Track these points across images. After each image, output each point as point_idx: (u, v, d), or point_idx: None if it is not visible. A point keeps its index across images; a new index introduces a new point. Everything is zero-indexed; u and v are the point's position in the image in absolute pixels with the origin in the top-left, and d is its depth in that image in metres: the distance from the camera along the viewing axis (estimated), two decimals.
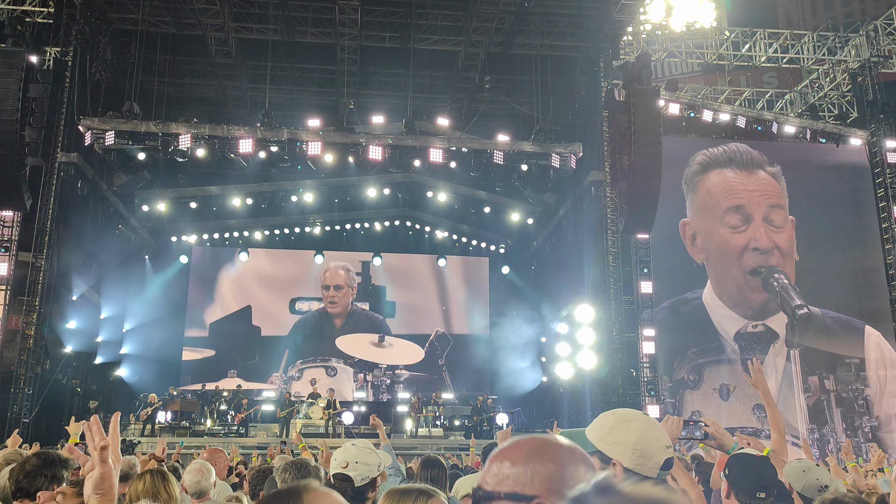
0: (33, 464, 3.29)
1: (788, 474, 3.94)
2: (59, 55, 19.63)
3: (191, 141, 19.18)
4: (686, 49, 23.83)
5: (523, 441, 1.43)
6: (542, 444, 1.41)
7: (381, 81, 24.86)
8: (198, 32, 21.55)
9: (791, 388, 20.28)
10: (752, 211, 21.13)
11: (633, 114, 19.29)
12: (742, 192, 21.31)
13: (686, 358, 20.31)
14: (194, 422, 20.92)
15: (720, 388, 19.97)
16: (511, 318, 26.85)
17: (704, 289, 20.92)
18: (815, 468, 4.05)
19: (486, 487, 1.39)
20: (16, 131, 17.35)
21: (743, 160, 21.64)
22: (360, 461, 3.37)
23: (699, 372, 20.23)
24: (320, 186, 24.34)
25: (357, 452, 3.40)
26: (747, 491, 2.93)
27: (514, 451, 1.41)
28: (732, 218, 21.02)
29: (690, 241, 21.14)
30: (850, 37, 23.78)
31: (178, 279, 27.06)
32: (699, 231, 21.16)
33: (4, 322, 18.39)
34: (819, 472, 4.01)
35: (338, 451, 3.50)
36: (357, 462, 3.34)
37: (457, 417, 22.49)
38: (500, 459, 1.40)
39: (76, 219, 20.40)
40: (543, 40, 21.76)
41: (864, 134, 22.88)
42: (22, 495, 3.16)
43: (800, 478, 3.96)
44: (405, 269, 28.54)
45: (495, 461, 1.40)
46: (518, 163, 20.48)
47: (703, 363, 20.26)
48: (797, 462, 4.15)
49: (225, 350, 26.79)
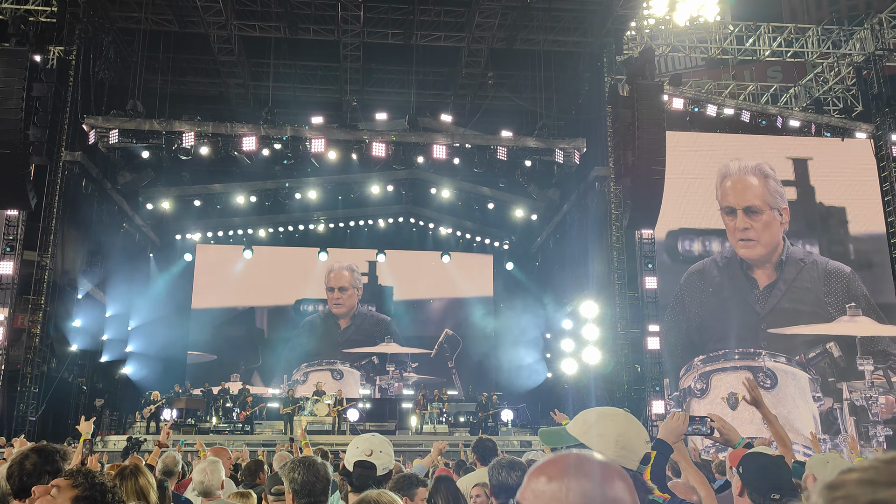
0: (33, 461, 3.27)
1: (812, 467, 3.98)
2: (63, 54, 19.65)
3: (194, 139, 19.20)
4: (690, 43, 23.75)
5: (560, 457, 1.43)
6: (579, 461, 1.41)
7: (384, 78, 24.84)
8: (200, 30, 21.54)
9: (804, 396, 20.08)
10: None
11: (636, 109, 19.23)
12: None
13: (693, 366, 20.18)
14: (200, 419, 20.99)
15: (728, 396, 19.63)
16: (515, 315, 26.83)
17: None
18: (838, 460, 4.11)
19: (524, 502, 1.40)
20: (20, 130, 17.37)
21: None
22: (383, 451, 3.47)
23: (706, 380, 20.02)
24: (324, 184, 24.35)
25: (380, 443, 3.51)
26: (761, 491, 2.92)
27: (550, 467, 1.41)
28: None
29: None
30: (854, 30, 23.68)
31: (182, 277, 27.10)
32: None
33: (10, 321, 18.43)
34: (843, 465, 4.04)
35: (360, 439, 3.58)
36: (381, 451, 3.44)
37: (461, 414, 22.51)
38: (538, 476, 1.41)
39: (81, 217, 20.45)
40: (546, 36, 21.72)
41: (870, 128, 22.80)
42: (25, 495, 3.14)
43: (823, 469, 3.99)
44: (410, 267, 28.51)
45: (533, 477, 1.42)
46: (522, 159, 20.46)
47: (711, 371, 20.10)
48: (821, 455, 4.19)
49: (228, 353, 26.81)
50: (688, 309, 20.75)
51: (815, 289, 21.06)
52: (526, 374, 26.00)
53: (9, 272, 18.54)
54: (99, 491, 2.36)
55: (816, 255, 21.50)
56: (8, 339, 18.33)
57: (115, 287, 22.77)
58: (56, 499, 2.30)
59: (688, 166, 21.14)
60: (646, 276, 20.56)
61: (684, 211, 21.25)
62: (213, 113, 22.36)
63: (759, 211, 21.44)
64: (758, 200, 21.53)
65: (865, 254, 21.95)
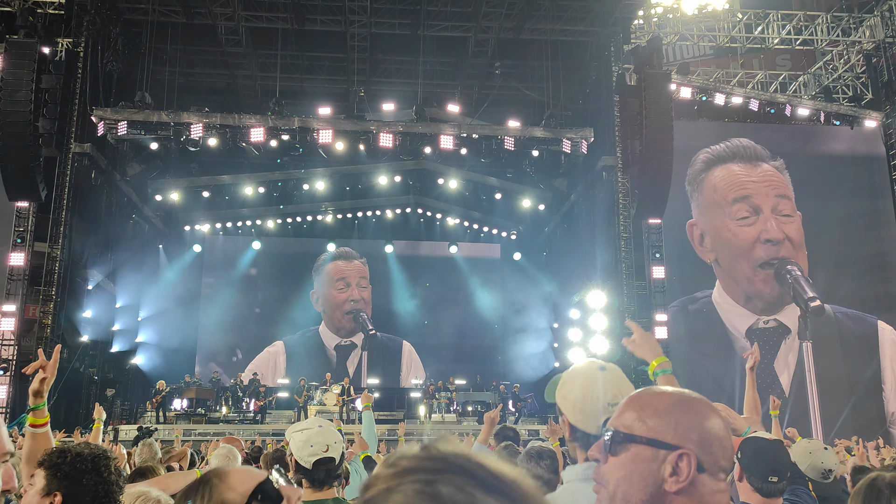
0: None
1: (795, 454, 3.95)
2: (71, 46, 19.71)
3: (202, 130, 19.27)
4: (698, 32, 23.62)
5: (665, 391, 1.41)
6: (686, 397, 1.39)
7: (391, 69, 24.81)
8: (208, 22, 21.58)
9: (803, 383, 20.08)
10: (759, 202, 20.85)
11: (644, 98, 19.18)
12: (748, 184, 21.07)
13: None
14: (210, 409, 21.13)
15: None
16: (523, 304, 26.85)
17: (714, 289, 20.73)
18: (821, 451, 4.05)
19: (624, 430, 1.36)
20: (29, 122, 17.48)
21: (747, 154, 21.36)
22: (337, 441, 3.21)
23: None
24: (332, 174, 24.38)
25: (329, 433, 3.23)
26: (759, 474, 2.95)
27: (656, 398, 1.38)
28: (740, 209, 20.74)
29: (699, 243, 20.87)
30: (864, 17, 23.49)
31: (192, 268, 27.22)
32: (707, 230, 20.86)
33: (22, 312, 18.59)
34: (825, 456, 4.02)
35: (305, 433, 3.23)
36: (335, 443, 3.19)
37: (469, 403, 22.58)
38: (641, 406, 1.37)
39: (90, 209, 20.56)
40: (554, 25, 21.65)
41: (879, 116, 22.65)
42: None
43: (805, 459, 3.98)
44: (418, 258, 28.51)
45: (634, 407, 1.38)
46: (529, 148, 20.44)
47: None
48: (806, 443, 4.17)
49: (237, 342, 26.96)
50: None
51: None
52: (533, 363, 26.04)
53: (20, 263, 18.69)
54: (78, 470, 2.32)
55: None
56: (19, 330, 18.49)
57: (124, 278, 22.90)
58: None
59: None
60: (653, 266, 20.53)
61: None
62: (221, 104, 22.38)
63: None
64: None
65: None
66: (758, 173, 21.24)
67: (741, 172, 21.24)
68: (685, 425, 1.33)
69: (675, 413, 1.34)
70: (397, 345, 27.75)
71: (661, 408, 1.35)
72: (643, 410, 1.36)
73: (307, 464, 3.13)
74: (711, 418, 1.35)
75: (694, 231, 20.97)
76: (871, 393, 20.25)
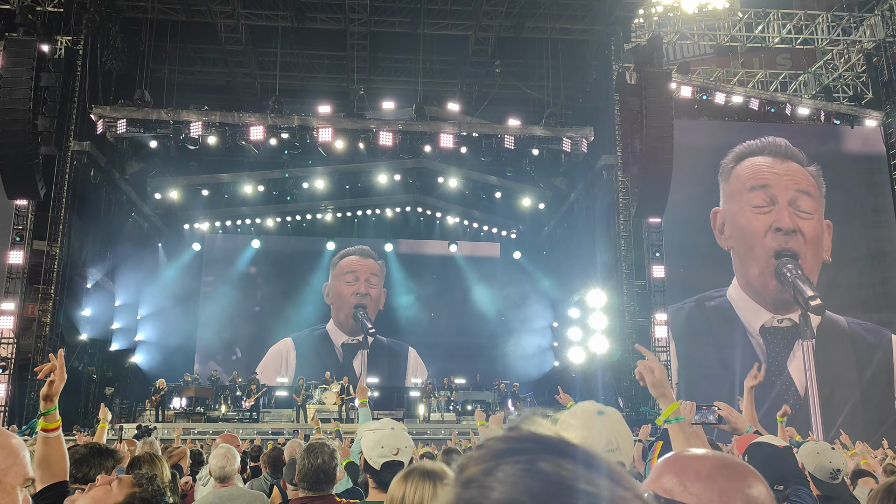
0: (81, 452, 3.36)
1: (803, 455, 3.94)
2: (70, 44, 19.67)
3: (202, 128, 19.24)
4: (698, 31, 23.60)
5: (704, 454, 1.35)
6: (728, 461, 1.32)
7: (391, 67, 24.78)
8: (207, 20, 21.54)
9: (813, 381, 20.06)
10: (777, 193, 20.91)
11: (644, 97, 19.16)
12: (769, 175, 21.15)
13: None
14: (209, 408, 21.12)
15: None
16: (523, 303, 26.83)
17: (730, 286, 20.77)
18: (829, 451, 4.04)
19: (665, 495, 1.29)
20: (28, 120, 17.44)
21: (778, 151, 21.44)
22: (408, 446, 3.27)
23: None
24: (331, 173, 24.35)
25: (401, 437, 3.28)
26: (766, 481, 2.92)
27: (697, 462, 1.32)
28: (756, 196, 20.84)
29: (719, 231, 21.01)
30: (864, 16, 23.47)
31: (191, 266, 27.19)
32: (727, 217, 21.02)
33: (20, 310, 18.56)
34: (833, 455, 4.00)
35: (378, 434, 3.27)
36: (406, 447, 3.24)
37: (469, 402, 22.56)
38: (681, 470, 1.31)
39: (90, 207, 20.52)
40: (554, 24, 21.62)
41: (879, 115, 22.63)
42: (85, 483, 3.21)
43: (813, 459, 3.96)
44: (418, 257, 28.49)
45: (673, 471, 1.31)
46: (529, 147, 20.42)
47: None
48: (813, 444, 4.15)
49: (237, 341, 26.93)
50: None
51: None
52: (533, 362, 26.03)
53: (19, 262, 18.65)
54: (157, 494, 2.48)
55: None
56: (18, 329, 18.46)
57: (124, 276, 22.87)
58: (113, 491, 2.41)
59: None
60: (653, 265, 20.52)
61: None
62: (220, 102, 22.36)
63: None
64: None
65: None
66: (783, 168, 21.34)
67: (766, 164, 21.36)
68: (730, 493, 1.25)
69: (719, 479, 1.27)
70: (403, 349, 27.72)
71: (703, 472, 1.28)
72: (684, 475, 1.29)
73: (376, 464, 3.18)
74: (756, 485, 1.28)
75: (717, 218, 21.08)
76: (882, 394, 20.30)
